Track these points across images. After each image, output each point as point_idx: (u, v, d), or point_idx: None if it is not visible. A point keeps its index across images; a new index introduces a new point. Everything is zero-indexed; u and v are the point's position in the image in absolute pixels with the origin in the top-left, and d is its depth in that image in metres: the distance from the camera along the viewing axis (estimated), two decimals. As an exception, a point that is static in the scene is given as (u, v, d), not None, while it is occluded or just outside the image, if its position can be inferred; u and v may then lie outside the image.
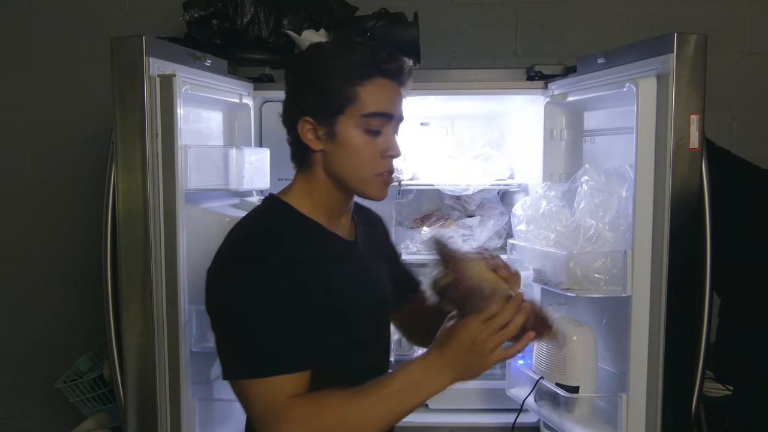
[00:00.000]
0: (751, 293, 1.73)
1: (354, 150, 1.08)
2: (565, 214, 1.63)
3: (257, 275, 1.01)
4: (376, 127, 1.08)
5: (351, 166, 1.09)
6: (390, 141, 1.10)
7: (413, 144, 2.09)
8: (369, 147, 1.08)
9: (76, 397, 2.25)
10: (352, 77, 1.06)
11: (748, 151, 1.91)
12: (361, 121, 1.07)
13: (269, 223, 1.10)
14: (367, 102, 1.06)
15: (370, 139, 1.08)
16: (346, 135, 1.07)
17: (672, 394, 1.34)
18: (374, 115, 1.07)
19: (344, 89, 1.06)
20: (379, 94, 1.07)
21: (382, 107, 1.07)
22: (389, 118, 1.09)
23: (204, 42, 1.93)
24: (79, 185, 2.45)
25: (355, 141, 1.07)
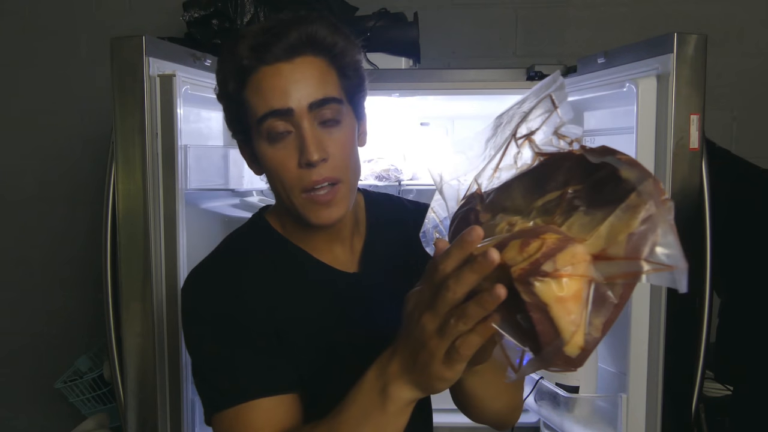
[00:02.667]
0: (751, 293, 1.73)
1: (267, 169, 0.87)
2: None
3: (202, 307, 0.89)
4: (277, 129, 0.84)
5: (276, 189, 0.89)
6: (299, 142, 0.83)
7: (413, 144, 2.09)
8: (279, 160, 0.85)
9: (76, 397, 2.25)
10: (236, 80, 0.86)
11: (748, 151, 1.91)
12: (261, 129, 0.85)
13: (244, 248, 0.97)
14: (255, 104, 0.84)
15: (275, 150, 0.85)
16: (259, 152, 0.87)
17: (672, 394, 1.34)
18: (266, 117, 0.83)
19: (235, 98, 0.87)
20: (264, 89, 0.83)
21: (270, 105, 0.83)
22: (286, 113, 0.83)
23: (204, 42, 1.93)
24: (79, 185, 2.45)
25: (266, 156, 0.86)
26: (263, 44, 0.83)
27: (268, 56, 0.83)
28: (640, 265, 0.53)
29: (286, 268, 0.94)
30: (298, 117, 0.83)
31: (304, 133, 0.83)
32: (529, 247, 0.54)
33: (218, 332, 0.88)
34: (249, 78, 0.85)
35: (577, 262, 0.54)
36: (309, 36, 0.84)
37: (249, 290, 0.90)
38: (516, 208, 0.63)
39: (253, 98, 0.85)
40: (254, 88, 0.85)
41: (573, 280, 0.53)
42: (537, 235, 0.55)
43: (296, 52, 0.84)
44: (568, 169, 0.60)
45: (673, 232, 0.56)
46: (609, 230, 0.55)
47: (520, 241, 0.55)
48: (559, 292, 0.53)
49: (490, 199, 0.67)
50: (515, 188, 0.65)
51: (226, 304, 0.89)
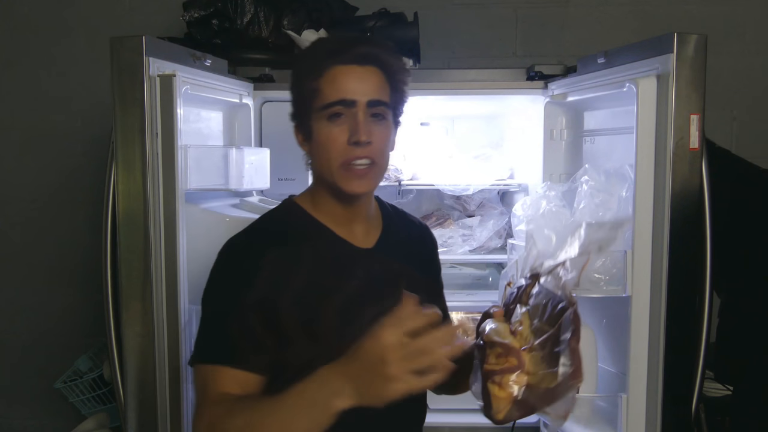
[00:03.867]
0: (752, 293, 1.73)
1: (321, 142, 1.07)
2: (565, 214, 1.63)
3: (228, 271, 1.07)
4: (337, 113, 1.06)
5: (321, 160, 1.09)
6: (354, 126, 1.05)
7: (413, 144, 2.09)
8: (333, 136, 1.06)
9: (76, 397, 2.25)
10: (312, 72, 1.07)
11: (748, 151, 1.91)
12: (324, 113, 1.06)
13: (273, 223, 1.14)
14: (326, 92, 1.06)
15: (333, 127, 1.06)
16: (316, 130, 1.08)
17: (672, 394, 1.34)
18: (333, 104, 1.05)
19: (307, 86, 1.07)
20: (337, 82, 1.06)
21: (339, 94, 1.05)
22: (350, 103, 1.06)
23: (204, 42, 1.93)
24: (79, 185, 2.45)
25: (321, 132, 1.07)
26: (340, 48, 1.07)
27: (344, 57, 1.06)
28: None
29: (313, 241, 1.11)
30: (358, 108, 1.06)
31: (358, 119, 1.05)
32: (500, 360, 0.97)
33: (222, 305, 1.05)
34: (325, 71, 1.06)
35: (516, 384, 0.95)
36: (376, 53, 1.09)
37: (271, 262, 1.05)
38: (532, 314, 1.01)
39: (326, 87, 1.06)
40: (328, 80, 1.06)
41: (508, 391, 0.95)
42: (508, 353, 0.97)
43: (366, 61, 1.07)
44: (564, 319, 0.93)
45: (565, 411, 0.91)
46: (543, 380, 0.93)
47: (501, 351, 0.98)
48: (499, 392, 0.96)
49: (534, 293, 1.03)
50: (542, 297, 1.00)
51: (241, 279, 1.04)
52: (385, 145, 1.10)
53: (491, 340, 0.99)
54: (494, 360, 0.97)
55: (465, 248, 2.10)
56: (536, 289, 1.04)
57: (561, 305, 0.95)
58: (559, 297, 0.97)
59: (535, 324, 0.99)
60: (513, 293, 1.09)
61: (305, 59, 1.11)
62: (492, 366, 0.96)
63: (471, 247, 2.10)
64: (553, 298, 0.98)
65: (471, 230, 2.15)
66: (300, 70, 1.11)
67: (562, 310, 0.95)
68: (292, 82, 1.13)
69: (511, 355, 0.95)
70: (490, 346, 0.99)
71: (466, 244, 2.10)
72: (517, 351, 0.96)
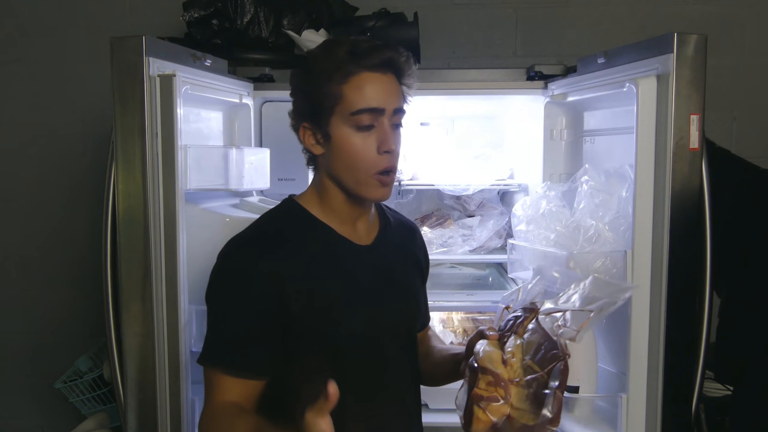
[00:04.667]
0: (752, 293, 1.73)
1: (347, 150, 1.07)
2: (565, 214, 1.63)
3: (234, 275, 1.07)
4: (366, 122, 1.06)
5: (347, 167, 1.08)
6: (384, 135, 1.07)
7: (413, 144, 2.09)
8: (363, 144, 1.06)
9: (76, 397, 2.25)
10: (337, 76, 1.05)
11: (748, 151, 1.91)
12: (351, 119, 1.06)
13: (274, 223, 1.15)
14: (353, 99, 1.05)
15: (362, 136, 1.06)
16: (339, 135, 1.07)
17: (672, 394, 1.34)
18: (362, 111, 1.05)
19: (330, 90, 1.05)
20: (366, 89, 1.05)
21: (369, 102, 1.05)
22: (380, 112, 1.06)
23: (204, 42, 1.93)
24: (79, 185, 2.45)
25: (348, 140, 1.07)
26: (366, 53, 1.05)
27: (369, 63, 1.05)
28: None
29: (314, 239, 1.12)
30: (385, 116, 1.07)
31: (386, 129, 1.07)
32: (490, 388, 1.03)
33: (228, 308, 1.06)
34: (350, 77, 1.05)
35: (498, 413, 1.02)
36: (396, 60, 1.09)
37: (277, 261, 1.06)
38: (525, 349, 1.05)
39: (352, 93, 1.05)
40: (355, 86, 1.05)
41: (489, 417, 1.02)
42: (498, 384, 1.03)
43: (388, 69, 1.08)
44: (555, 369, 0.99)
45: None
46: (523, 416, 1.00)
47: (491, 380, 1.04)
48: (482, 416, 1.03)
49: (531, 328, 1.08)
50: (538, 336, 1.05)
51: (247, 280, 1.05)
52: (400, 151, 1.13)
53: (485, 366, 1.05)
54: (484, 386, 1.04)
55: (465, 248, 2.09)
56: (533, 325, 1.08)
57: (554, 352, 1.01)
58: (554, 342, 1.02)
59: (526, 360, 1.04)
60: (510, 321, 1.13)
61: (325, 61, 1.07)
62: (481, 391, 1.03)
63: (471, 247, 2.10)
64: (548, 342, 1.03)
65: (471, 230, 2.15)
66: (319, 71, 1.07)
67: (554, 357, 1.00)
68: (306, 83, 1.10)
69: (500, 387, 1.03)
70: (482, 371, 1.05)
71: (466, 244, 2.10)
72: (506, 384, 1.03)
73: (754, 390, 1.71)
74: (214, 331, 1.08)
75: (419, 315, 1.28)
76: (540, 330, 1.06)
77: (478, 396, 1.03)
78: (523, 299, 1.18)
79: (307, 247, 1.11)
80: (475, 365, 1.06)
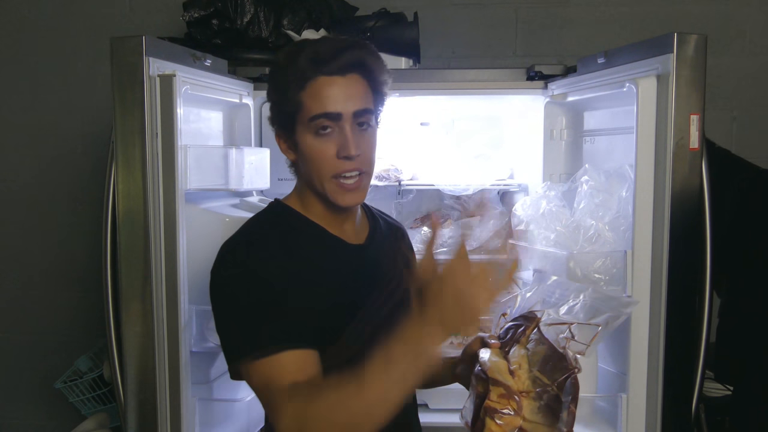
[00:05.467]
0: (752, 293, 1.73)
1: (310, 156, 1.07)
2: (565, 214, 1.63)
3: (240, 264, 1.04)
4: (324, 127, 1.05)
5: (311, 172, 1.08)
6: (343, 140, 1.05)
7: (413, 144, 2.09)
8: (322, 150, 1.06)
9: (76, 397, 2.25)
10: (296, 83, 1.05)
11: (748, 151, 1.91)
12: (310, 125, 1.05)
13: (268, 222, 1.14)
14: (310, 105, 1.05)
15: (322, 141, 1.06)
16: (303, 142, 1.07)
17: (672, 394, 1.34)
18: (319, 116, 1.04)
19: (292, 97, 1.05)
20: (321, 95, 1.04)
21: (324, 107, 1.04)
22: (336, 116, 1.05)
23: (204, 42, 1.93)
24: (79, 185, 2.45)
25: (310, 146, 1.06)
26: (323, 58, 1.04)
27: (326, 69, 1.04)
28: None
29: (306, 238, 1.12)
30: (344, 120, 1.05)
31: (346, 133, 1.05)
32: (502, 400, 1.01)
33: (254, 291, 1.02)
34: (308, 84, 1.04)
35: (511, 425, 0.99)
36: (360, 59, 1.06)
37: (276, 256, 1.06)
38: (530, 360, 1.04)
39: (309, 100, 1.05)
40: (312, 93, 1.04)
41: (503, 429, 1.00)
42: (510, 396, 1.01)
43: (349, 70, 1.05)
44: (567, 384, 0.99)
45: None
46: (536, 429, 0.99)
47: (503, 392, 1.01)
48: (495, 429, 1.00)
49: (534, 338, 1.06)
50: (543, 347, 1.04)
51: (261, 267, 1.03)
52: (372, 153, 1.11)
53: (495, 377, 1.03)
54: (496, 398, 1.02)
55: (465, 248, 2.09)
56: (535, 335, 1.07)
57: (563, 365, 1.00)
58: (561, 355, 1.01)
59: (534, 372, 1.03)
60: (510, 328, 1.12)
61: (285, 69, 1.07)
62: (494, 404, 1.02)
63: (471, 247, 2.10)
64: (554, 354, 1.02)
65: (471, 230, 2.14)
66: (280, 80, 1.08)
67: (564, 369, 0.99)
68: (273, 92, 1.10)
69: (512, 400, 1.01)
70: (493, 383, 1.03)
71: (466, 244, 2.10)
72: (518, 396, 1.02)
73: (754, 390, 1.71)
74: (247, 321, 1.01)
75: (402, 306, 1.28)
76: (545, 341, 1.05)
77: (492, 408, 1.01)
78: (521, 307, 1.18)
79: (301, 245, 1.10)
80: (484, 376, 1.05)
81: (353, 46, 1.07)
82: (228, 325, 1.05)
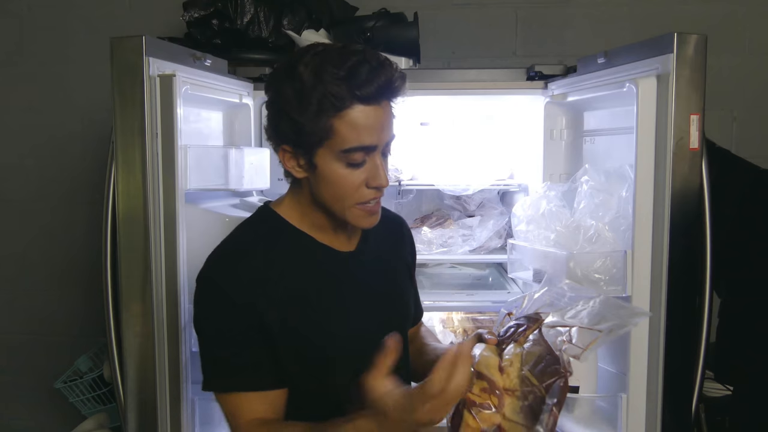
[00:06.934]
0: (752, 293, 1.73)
1: (335, 182, 1.01)
2: (565, 214, 1.63)
3: (216, 293, 1.03)
4: (357, 160, 0.99)
5: (333, 196, 1.03)
6: (375, 170, 1.01)
7: (413, 144, 2.09)
8: (351, 178, 1.00)
9: (76, 397, 2.25)
10: (328, 108, 0.95)
11: (748, 151, 1.91)
12: (342, 156, 0.99)
13: (250, 235, 1.11)
14: (345, 136, 0.97)
15: (351, 170, 1.00)
16: (327, 168, 1.00)
17: (672, 394, 1.34)
18: (354, 150, 0.98)
19: (319, 123, 0.96)
20: (360, 126, 0.97)
21: (362, 140, 0.97)
22: (372, 149, 1.00)
23: (204, 42, 1.93)
24: (79, 185, 2.45)
25: (336, 173, 1.00)
26: (359, 83, 0.95)
27: (362, 95, 0.96)
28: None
29: (293, 248, 1.09)
30: (377, 151, 1.01)
31: (377, 163, 1.01)
32: (483, 394, 0.99)
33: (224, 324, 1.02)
34: (344, 110, 0.96)
35: (489, 421, 0.98)
36: (392, 85, 0.99)
37: (260, 273, 1.03)
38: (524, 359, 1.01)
39: (345, 130, 0.97)
40: (348, 122, 0.96)
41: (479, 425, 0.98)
42: (492, 391, 0.99)
43: (383, 97, 0.99)
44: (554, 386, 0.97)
45: None
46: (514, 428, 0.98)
47: (486, 386, 1.00)
48: (471, 422, 0.99)
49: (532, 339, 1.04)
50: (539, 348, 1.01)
51: (236, 293, 1.01)
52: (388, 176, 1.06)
53: (480, 371, 1.02)
54: (478, 392, 1.00)
55: (465, 248, 2.09)
56: (534, 336, 1.05)
57: (555, 367, 0.98)
58: (556, 357, 0.99)
59: (525, 371, 1.01)
60: (511, 328, 1.10)
61: (315, 87, 0.95)
62: (474, 396, 1.00)
63: (471, 247, 2.10)
64: (549, 355, 1.00)
65: (471, 230, 2.15)
66: (305, 99, 0.96)
67: (555, 372, 0.97)
68: (291, 107, 0.98)
69: (494, 395, 0.99)
70: (478, 376, 1.01)
71: (466, 244, 2.10)
72: (501, 392, 1.00)
73: (754, 390, 1.71)
74: (213, 353, 1.04)
75: (410, 315, 1.27)
76: (542, 342, 1.03)
77: (471, 401, 1.00)
78: (527, 307, 1.16)
79: (287, 258, 1.07)
80: (471, 369, 1.03)
81: (386, 67, 0.98)
82: (201, 347, 1.05)
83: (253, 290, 1.01)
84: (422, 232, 2.10)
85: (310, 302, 1.06)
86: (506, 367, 1.02)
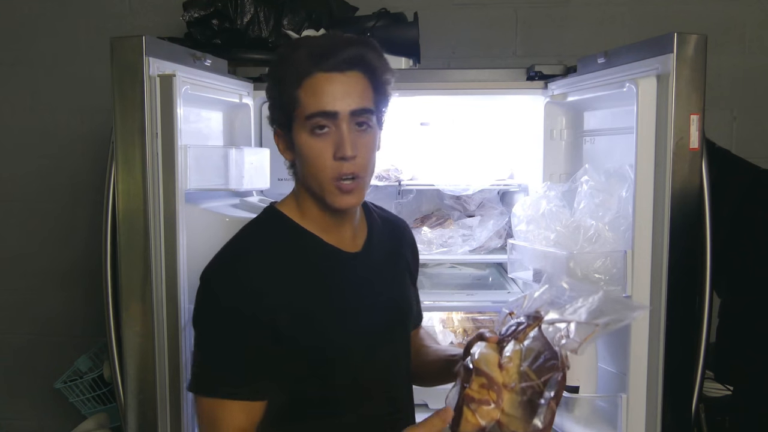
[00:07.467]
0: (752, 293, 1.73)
1: (307, 155, 1.03)
2: (565, 214, 1.63)
3: (211, 296, 1.03)
4: (320, 125, 1.01)
5: (309, 174, 1.04)
6: (340, 140, 1.01)
7: (413, 144, 2.09)
8: (320, 150, 1.02)
9: (76, 397, 2.25)
10: (293, 80, 1.01)
11: (748, 151, 1.91)
12: (306, 123, 1.01)
13: (256, 236, 1.11)
14: (307, 103, 1.01)
15: (318, 140, 1.01)
16: (300, 141, 1.03)
17: (672, 394, 1.34)
18: (315, 115, 1.00)
19: (287, 94, 1.02)
20: (318, 92, 1.00)
21: (321, 106, 1.00)
22: (332, 115, 1.00)
23: (204, 42, 1.93)
24: (79, 185, 2.45)
25: (307, 145, 1.02)
26: (322, 54, 1.00)
27: (324, 65, 1.00)
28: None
29: (299, 248, 1.09)
30: (341, 119, 1.01)
31: (343, 132, 1.00)
32: (482, 390, 1.00)
33: (219, 331, 1.02)
34: (305, 80, 1.01)
35: (488, 417, 0.98)
36: (360, 56, 1.02)
37: (263, 277, 1.03)
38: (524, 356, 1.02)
39: (306, 97, 1.01)
40: (309, 90, 1.00)
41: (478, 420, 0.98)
42: (491, 387, 0.99)
43: (349, 67, 1.01)
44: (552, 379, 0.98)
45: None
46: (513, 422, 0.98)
47: (484, 382, 1.00)
48: (470, 418, 0.98)
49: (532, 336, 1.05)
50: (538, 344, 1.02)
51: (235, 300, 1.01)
52: (369, 156, 1.06)
53: (479, 367, 1.03)
54: (476, 388, 1.01)
55: (465, 248, 2.10)
56: (534, 333, 1.06)
57: (553, 362, 0.99)
58: (554, 352, 1.00)
59: (524, 367, 1.02)
60: (512, 326, 1.11)
61: (283, 65, 1.04)
62: (473, 393, 1.01)
63: (471, 247, 2.10)
64: (548, 351, 1.01)
65: (471, 230, 2.15)
66: (278, 76, 1.04)
67: (552, 366, 0.98)
68: (270, 88, 1.07)
69: (493, 390, 1.00)
70: (476, 372, 1.02)
71: (466, 244, 2.10)
72: (499, 388, 1.01)
73: (754, 390, 1.71)
74: (207, 356, 1.04)
75: (411, 317, 1.27)
76: (541, 338, 1.04)
77: (470, 397, 1.01)
78: (528, 306, 1.17)
79: (292, 259, 1.07)
80: (470, 365, 1.05)
81: (354, 42, 1.03)
82: (195, 345, 1.06)
83: (252, 296, 1.01)
84: (422, 232, 2.10)
85: (314, 303, 1.06)
86: (506, 364, 1.03)
